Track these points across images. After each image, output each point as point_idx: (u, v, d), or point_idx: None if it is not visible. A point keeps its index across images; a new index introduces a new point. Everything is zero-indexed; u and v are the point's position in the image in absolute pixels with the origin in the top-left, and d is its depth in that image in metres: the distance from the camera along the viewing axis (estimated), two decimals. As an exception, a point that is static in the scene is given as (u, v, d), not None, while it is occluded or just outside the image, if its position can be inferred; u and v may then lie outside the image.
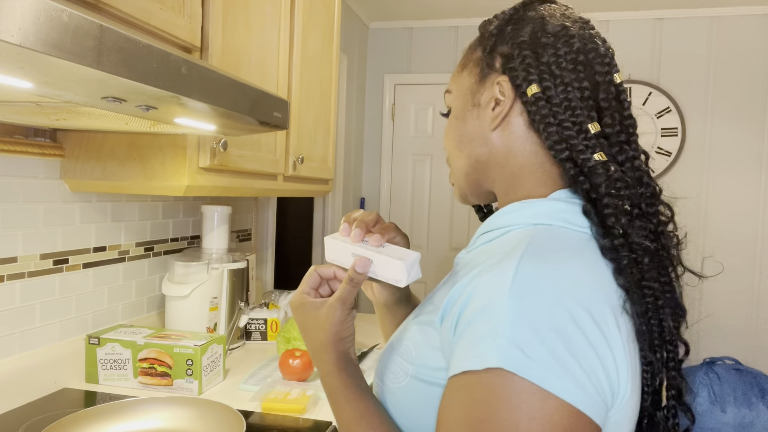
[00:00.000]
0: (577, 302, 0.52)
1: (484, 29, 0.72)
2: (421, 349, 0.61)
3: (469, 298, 0.55)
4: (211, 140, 1.26)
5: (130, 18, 1.00)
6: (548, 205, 0.64)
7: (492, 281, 0.54)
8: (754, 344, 3.34)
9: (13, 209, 1.22)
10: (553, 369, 0.49)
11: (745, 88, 3.31)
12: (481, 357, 0.51)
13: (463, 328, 0.54)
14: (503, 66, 0.67)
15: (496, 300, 0.52)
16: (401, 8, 3.50)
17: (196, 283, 1.57)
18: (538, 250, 0.56)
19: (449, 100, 0.75)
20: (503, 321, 0.50)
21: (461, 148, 0.72)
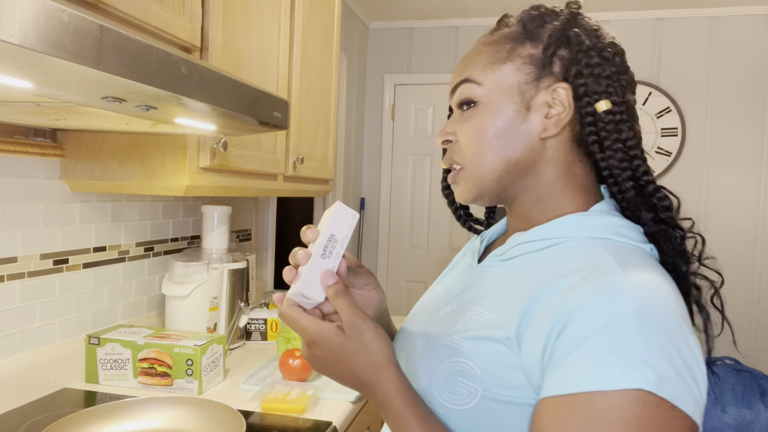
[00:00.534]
0: (680, 316, 0.54)
1: (532, 25, 0.67)
2: (488, 367, 0.58)
3: (570, 316, 0.53)
4: (211, 140, 1.26)
5: (130, 18, 1.00)
6: (605, 219, 0.64)
7: (605, 299, 0.53)
8: (754, 344, 3.34)
9: (13, 209, 1.22)
10: (679, 386, 0.50)
11: (745, 88, 3.31)
12: (612, 377, 0.50)
13: (572, 347, 0.52)
14: (564, 72, 0.65)
15: (619, 319, 0.51)
16: (401, 8, 3.50)
17: (196, 283, 1.57)
18: (633, 266, 0.56)
19: (474, 93, 0.68)
20: (631, 340, 0.50)
21: (498, 149, 0.66)
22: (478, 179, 0.68)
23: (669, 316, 0.52)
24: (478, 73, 0.68)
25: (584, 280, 0.55)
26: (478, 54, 0.69)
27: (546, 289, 0.57)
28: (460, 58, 3.69)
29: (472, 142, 0.67)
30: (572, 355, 0.52)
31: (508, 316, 0.59)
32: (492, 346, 0.59)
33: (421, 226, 3.78)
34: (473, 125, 0.67)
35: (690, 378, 0.51)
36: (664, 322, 0.52)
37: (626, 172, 0.63)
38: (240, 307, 1.71)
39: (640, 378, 0.49)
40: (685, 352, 0.51)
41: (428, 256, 3.74)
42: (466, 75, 0.69)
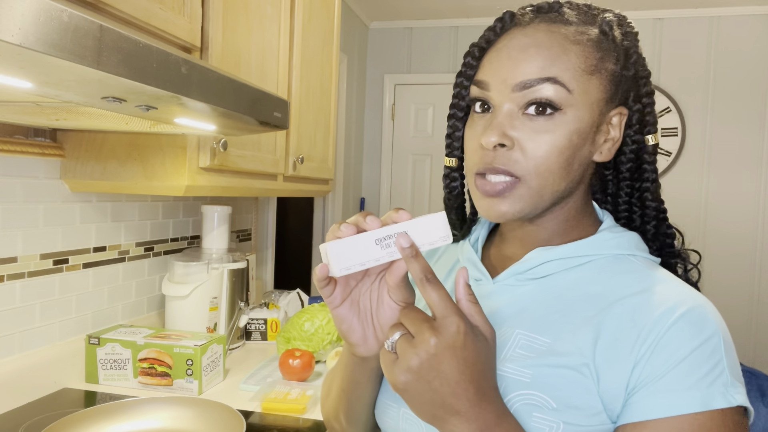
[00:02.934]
0: None
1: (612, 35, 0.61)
2: (565, 397, 0.54)
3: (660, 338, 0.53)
4: (211, 140, 1.26)
5: (130, 18, 1.00)
6: (629, 236, 0.64)
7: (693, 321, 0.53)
8: (754, 344, 3.34)
9: (13, 209, 1.22)
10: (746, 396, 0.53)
11: (745, 88, 3.31)
12: (714, 396, 0.51)
13: (669, 369, 0.52)
14: (623, 97, 0.62)
15: (711, 339, 0.53)
16: (401, 8, 3.50)
17: (196, 283, 1.57)
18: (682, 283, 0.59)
19: (562, 98, 0.58)
20: (722, 360, 0.52)
21: (568, 168, 0.59)
22: (539, 198, 0.60)
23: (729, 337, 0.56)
24: (568, 77, 0.58)
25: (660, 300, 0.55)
26: (566, 52, 0.59)
27: (614, 311, 0.56)
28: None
29: (548, 156, 0.58)
30: (667, 378, 0.51)
31: (574, 340, 0.56)
32: (564, 373, 0.55)
33: (421, 226, 3.78)
34: (555, 138, 0.58)
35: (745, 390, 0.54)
36: (730, 342, 0.55)
37: (652, 210, 0.64)
38: (240, 307, 1.71)
39: (740, 398, 0.52)
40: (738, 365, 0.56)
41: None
42: (553, 74, 0.58)
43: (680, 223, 0.71)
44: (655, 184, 0.64)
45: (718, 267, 3.37)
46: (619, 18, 0.64)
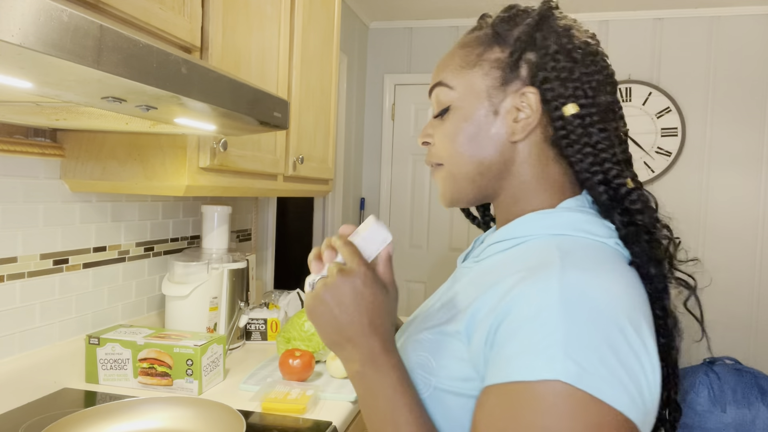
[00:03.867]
0: (621, 312, 0.53)
1: (501, 28, 0.68)
2: (442, 359, 0.60)
3: (508, 308, 0.55)
4: (211, 140, 1.26)
5: (130, 18, 1.00)
6: (568, 216, 0.64)
7: (536, 292, 0.54)
8: (754, 344, 3.34)
9: (13, 209, 1.22)
10: (606, 379, 0.50)
11: (745, 88, 3.31)
12: (534, 368, 0.51)
13: (506, 338, 0.54)
14: (530, 76, 0.65)
15: (546, 311, 0.52)
16: (401, 8, 3.50)
17: (196, 283, 1.57)
18: (576, 261, 0.56)
19: (447, 97, 0.69)
20: (555, 332, 0.51)
21: (471, 152, 0.68)
22: (453, 179, 0.70)
23: (603, 312, 0.52)
24: (450, 77, 0.69)
25: (522, 278, 0.56)
26: (452, 57, 0.70)
27: (498, 286, 0.58)
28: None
29: (446, 144, 0.69)
30: (506, 347, 0.53)
31: (463, 312, 0.61)
32: (447, 340, 0.61)
33: (421, 226, 3.78)
34: (446, 129, 0.69)
35: (623, 373, 0.50)
36: (596, 316, 0.52)
37: (597, 176, 0.63)
38: (240, 307, 1.71)
39: (560, 369, 0.50)
40: (621, 347, 0.51)
41: (428, 256, 3.74)
42: (440, 78, 0.70)
43: (680, 222, 0.70)
44: (590, 152, 0.63)
45: (717, 267, 3.37)
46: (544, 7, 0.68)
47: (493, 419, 0.53)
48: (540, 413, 0.50)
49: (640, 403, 0.51)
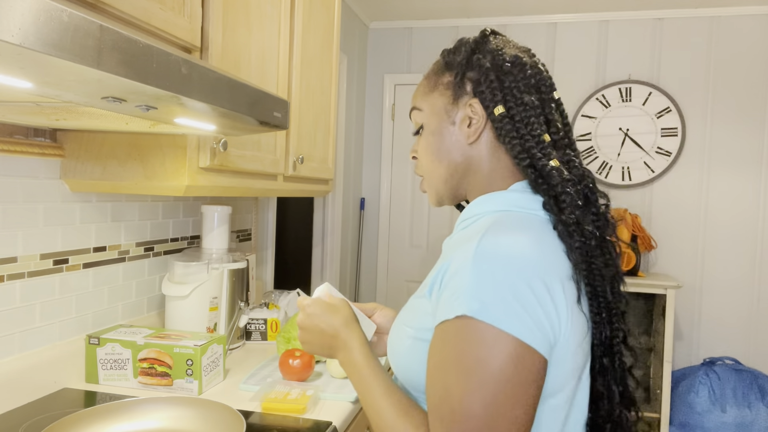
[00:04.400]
0: (526, 265, 0.68)
1: (449, 58, 0.86)
2: (417, 316, 0.77)
3: (447, 269, 0.72)
4: (211, 140, 1.26)
5: (130, 18, 1.00)
6: (508, 195, 0.80)
7: (461, 254, 0.70)
8: (754, 344, 3.34)
9: (13, 209, 1.22)
10: (504, 312, 0.65)
11: (745, 88, 3.31)
12: (451, 309, 0.68)
13: (441, 291, 0.71)
14: (473, 90, 0.82)
15: (462, 266, 0.68)
16: (401, 8, 3.50)
17: (196, 283, 1.57)
18: (498, 228, 0.71)
19: (420, 118, 0.87)
20: (467, 281, 0.67)
21: (440, 159, 0.85)
22: (435, 187, 0.88)
23: (509, 264, 0.67)
24: (420, 101, 0.88)
25: (459, 246, 0.73)
26: (420, 86, 0.89)
27: (451, 254, 0.73)
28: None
29: (424, 156, 0.88)
30: (440, 299, 0.71)
31: (430, 278, 0.77)
32: (420, 301, 0.78)
33: (421, 226, 3.78)
34: (422, 144, 0.88)
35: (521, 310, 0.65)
36: (503, 269, 0.67)
37: (525, 161, 0.78)
38: (240, 307, 1.71)
39: (465, 306, 0.66)
40: (524, 293, 0.66)
41: (428, 256, 3.74)
42: (414, 103, 0.89)
43: (680, 222, 0.72)
44: (520, 144, 0.78)
45: (718, 267, 3.37)
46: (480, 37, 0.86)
47: (432, 354, 0.71)
48: (457, 342, 0.67)
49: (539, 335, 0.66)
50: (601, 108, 3.48)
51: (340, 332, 0.87)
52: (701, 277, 3.40)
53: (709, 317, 3.39)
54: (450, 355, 0.67)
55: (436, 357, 0.70)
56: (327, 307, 0.89)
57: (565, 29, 3.54)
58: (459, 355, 0.66)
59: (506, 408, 0.65)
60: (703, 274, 3.40)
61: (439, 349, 0.69)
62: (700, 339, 3.40)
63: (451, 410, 0.66)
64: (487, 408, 0.64)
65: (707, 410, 3.08)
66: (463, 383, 0.65)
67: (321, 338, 0.88)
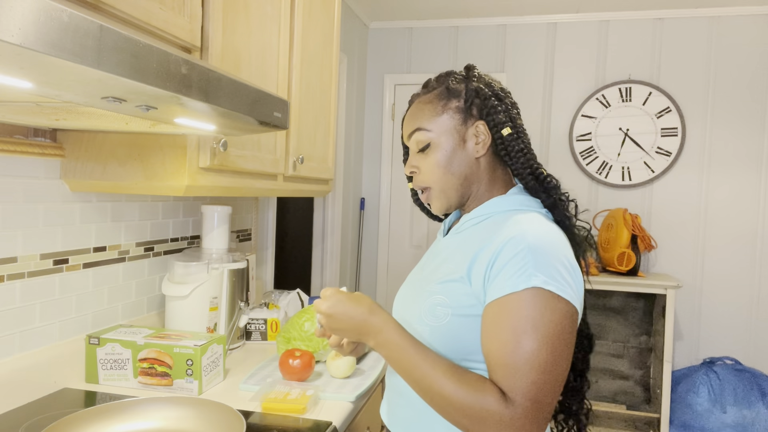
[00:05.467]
0: (561, 247, 0.88)
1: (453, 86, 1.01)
2: (453, 296, 0.91)
3: (496, 254, 0.87)
4: (211, 140, 1.26)
5: (130, 18, 1.00)
6: (512, 198, 1.00)
7: (512, 244, 0.86)
8: (754, 344, 3.34)
9: (13, 209, 1.22)
10: (560, 283, 0.84)
11: (745, 88, 3.31)
12: (517, 284, 0.83)
13: (498, 270, 0.86)
14: (480, 114, 0.99)
15: (521, 252, 0.85)
16: (401, 8, 3.50)
17: (196, 283, 1.57)
18: (532, 222, 0.90)
19: (427, 137, 1.00)
20: (527, 263, 0.84)
21: (452, 172, 1.00)
22: (444, 194, 1.02)
23: (553, 247, 0.86)
24: (426, 123, 1.01)
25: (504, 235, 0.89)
26: (421, 111, 1.02)
27: (485, 244, 0.91)
28: (460, 57, 3.69)
29: (434, 170, 1.01)
30: (498, 277, 0.86)
31: (462, 264, 0.93)
32: (454, 284, 0.92)
33: (421, 226, 3.78)
34: (431, 159, 1.01)
35: (567, 281, 0.85)
36: (550, 250, 0.86)
37: (527, 170, 0.98)
38: (240, 307, 1.71)
39: (534, 280, 0.83)
40: (565, 266, 0.86)
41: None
42: (418, 125, 1.01)
43: (680, 222, 0.72)
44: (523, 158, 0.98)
45: (717, 267, 3.37)
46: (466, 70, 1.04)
47: (494, 322, 0.85)
48: (523, 308, 0.83)
49: (577, 300, 0.87)
50: (601, 108, 3.48)
51: (369, 317, 0.93)
52: (701, 277, 3.40)
53: (709, 317, 3.39)
54: (521, 317, 0.82)
55: (504, 320, 0.83)
56: (350, 296, 0.96)
57: (565, 29, 3.54)
58: (530, 318, 0.82)
59: (562, 358, 0.83)
60: (703, 274, 3.40)
61: (508, 314, 0.83)
62: (700, 339, 3.40)
63: (527, 361, 0.81)
64: (553, 357, 0.82)
65: (707, 410, 3.08)
66: (535, 339, 0.81)
67: (351, 323, 0.93)
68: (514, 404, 0.81)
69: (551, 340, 0.82)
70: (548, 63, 3.57)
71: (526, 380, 0.81)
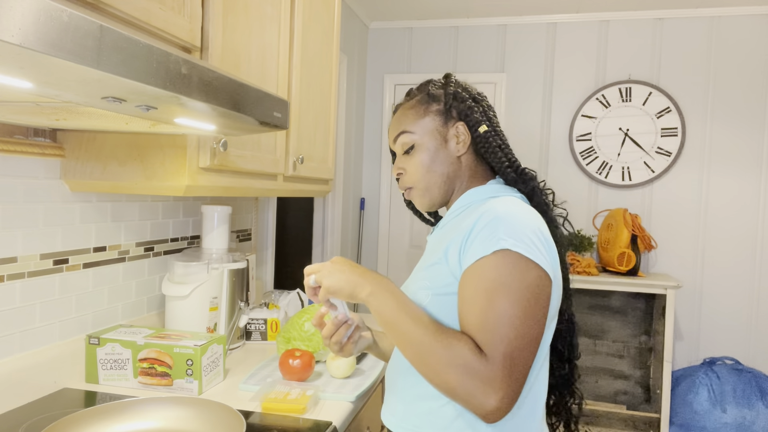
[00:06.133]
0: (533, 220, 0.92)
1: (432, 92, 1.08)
2: (433, 278, 0.96)
3: (470, 229, 0.92)
4: (211, 140, 1.26)
5: (130, 18, 1.00)
6: (492, 186, 1.06)
7: (485, 216, 0.91)
8: (754, 344, 3.34)
9: (13, 209, 1.22)
10: (529, 247, 0.88)
11: (745, 88, 3.31)
12: (487, 247, 0.88)
13: (472, 241, 0.90)
14: (459, 115, 1.06)
15: (490, 221, 0.90)
16: (401, 8, 3.50)
17: (196, 283, 1.57)
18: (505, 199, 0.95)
19: (411, 139, 1.06)
20: (499, 227, 0.89)
21: (435, 170, 1.06)
22: (428, 192, 1.08)
23: (523, 218, 0.91)
24: (410, 126, 1.07)
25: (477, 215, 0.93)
26: (405, 116, 1.09)
27: (461, 226, 0.95)
28: (460, 57, 3.69)
29: (418, 170, 1.07)
30: (471, 247, 0.90)
31: (441, 249, 0.98)
32: (435, 267, 0.97)
33: (421, 226, 3.78)
34: (415, 159, 1.07)
35: (537, 247, 0.88)
36: (519, 220, 0.90)
37: (505, 163, 1.05)
38: (240, 307, 1.71)
39: (503, 243, 0.87)
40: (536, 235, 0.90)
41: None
42: (402, 129, 1.08)
43: (680, 222, 0.72)
44: (501, 152, 1.05)
45: (718, 267, 3.37)
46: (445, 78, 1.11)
47: (470, 283, 0.89)
48: (497, 268, 0.87)
49: (549, 267, 0.90)
50: (601, 108, 3.48)
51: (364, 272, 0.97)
52: (701, 277, 3.40)
53: (709, 317, 3.39)
54: (491, 278, 0.86)
55: (476, 283, 0.88)
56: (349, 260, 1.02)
57: (565, 29, 3.54)
58: (500, 278, 0.86)
59: (534, 319, 0.86)
60: (703, 274, 3.40)
61: (479, 276, 0.87)
62: (700, 339, 3.40)
63: (497, 318, 0.85)
64: (524, 314, 0.85)
65: (707, 410, 3.08)
66: (505, 298, 0.85)
67: (349, 275, 0.96)
68: (489, 359, 0.84)
69: (522, 298, 0.85)
70: (548, 63, 3.57)
71: (498, 336, 0.84)
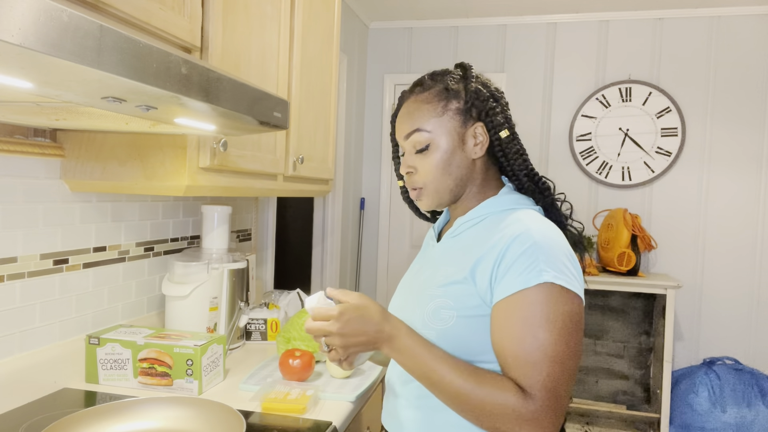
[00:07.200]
0: (563, 242, 0.92)
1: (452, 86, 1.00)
2: (458, 299, 0.92)
3: (502, 252, 0.89)
4: (211, 140, 1.26)
5: (130, 18, 1.00)
6: (509, 197, 1.01)
7: (519, 242, 0.88)
8: (754, 344, 3.34)
9: (13, 209, 1.22)
10: (569, 277, 0.87)
11: (745, 88, 3.31)
12: (528, 280, 0.85)
13: (507, 268, 0.87)
14: (479, 115, 1.00)
15: (526, 250, 0.87)
16: (401, 8, 3.50)
17: (196, 283, 1.57)
18: (532, 220, 0.92)
19: (426, 138, 0.99)
20: (538, 258, 0.86)
21: (449, 172, 1.00)
22: (437, 194, 1.02)
23: (557, 243, 0.89)
24: (425, 124, 1.00)
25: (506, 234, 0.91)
26: (420, 110, 1.01)
27: (488, 244, 0.92)
28: (460, 57, 3.69)
29: (431, 171, 1.00)
30: (507, 275, 0.87)
31: (464, 265, 0.93)
32: (456, 286, 0.93)
33: (421, 226, 3.78)
34: (429, 160, 1.00)
35: (572, 275, 0.88)
36: (555, 246, 0.89)
37: (523, 172, 1.01)
38: (240, 307, 1.71)
39: (545, 276, 0.85)
40: (569, 260, 0.89)
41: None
42: (417, 126, 1.00)
43: (680, 222, 0.73)
44: (520, 159, 1.00)
45: (718, 267, 3.37)
46: (463, 70, 1.03)
47: (506, 318, 0.86)
48: (536, 303, 0.85)
49: (581, 289, 0.89)
50: (601, 108, 3.48)
51: (381, 326, 0.91)
52: (701, 277, 3.40)
53: (709, 317, 3.39)
54: (535, 313, 0.84)
55: (518, 315, 0.85)
56: (357, 309, 0.91)
57: (565, 29, 3.54)
58: (543, 313, 0.84)
59: (575, 350, 0.85)
60: (703, 274, 3.39)
61: (522, 309, 0.85)
62: (700, 339, 3.40)
63: (544, 355, 0.83)
64: (568, 348, 0.84)
65: (707, 410, 3.08)
66: (550, 333, 0.84)
67: (364, 338, 0.90)
68: (533, 398, 0.82)
69: (565, 332, 0.84)
70: (548, 63, 3.57)
71: (543, 373, 0.82)
